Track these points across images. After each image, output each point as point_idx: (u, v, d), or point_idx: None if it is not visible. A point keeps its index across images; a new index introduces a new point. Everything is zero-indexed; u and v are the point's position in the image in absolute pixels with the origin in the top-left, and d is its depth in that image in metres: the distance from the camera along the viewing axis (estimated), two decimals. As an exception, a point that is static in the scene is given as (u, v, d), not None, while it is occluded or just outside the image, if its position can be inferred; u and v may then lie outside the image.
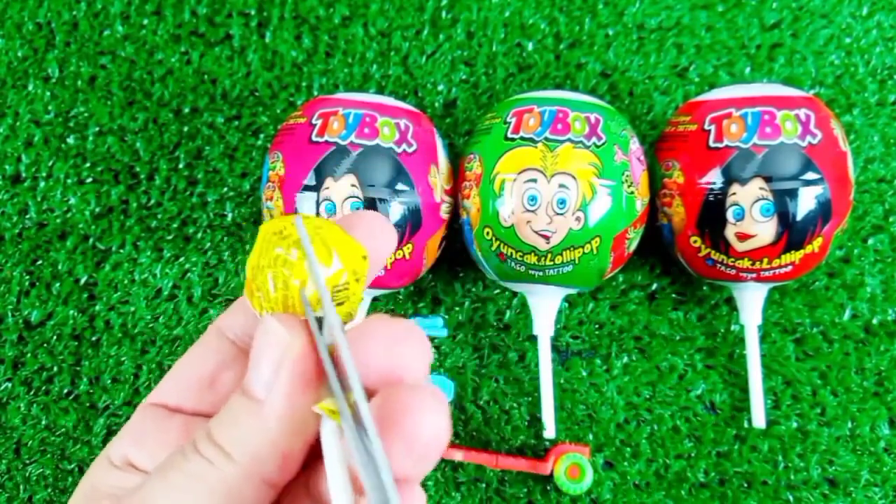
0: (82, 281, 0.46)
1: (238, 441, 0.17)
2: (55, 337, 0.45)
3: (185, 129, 0.47)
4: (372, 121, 0.38)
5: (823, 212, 0.37)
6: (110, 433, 0.45)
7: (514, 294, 0.45)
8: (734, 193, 0.37)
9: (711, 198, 0.38)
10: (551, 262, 0.38)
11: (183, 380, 0.22)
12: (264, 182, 0.40)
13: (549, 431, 0.42)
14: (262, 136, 0.47)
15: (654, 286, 0.45)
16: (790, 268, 0.38)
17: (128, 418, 0.45)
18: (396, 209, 0.38)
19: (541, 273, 0.38)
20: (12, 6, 0.49)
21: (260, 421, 0.17)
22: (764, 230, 0.37)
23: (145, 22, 0.49)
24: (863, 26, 0.48)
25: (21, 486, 0.44)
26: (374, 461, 0.16)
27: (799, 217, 0.37)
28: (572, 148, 0.37)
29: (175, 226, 0.46)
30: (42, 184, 0.47)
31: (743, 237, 0.37)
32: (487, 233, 0.39)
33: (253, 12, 0.49)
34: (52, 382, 0.45)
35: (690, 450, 0.43)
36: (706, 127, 0.38)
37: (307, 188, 0.38)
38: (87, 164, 0.47)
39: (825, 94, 0.47)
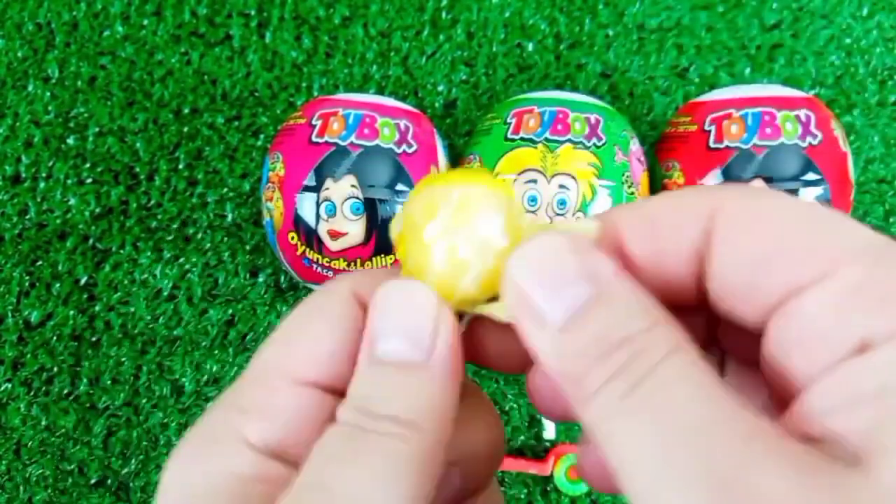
0: (82, 281, 0.46)
1: (417, 408, 0.16)
2: (55, 337, 0.45)
3: (185, 129, 0.47)
4: (372, 121, 0.38)
5: (823, 212, 0.37)
6: (110, 433, 0.45)
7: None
8: (734, 194, 0.37)
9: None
10: (551, 263, 0.38)
11: (333, 353, 0.17)
12: (264, 182, 0.40)
13: (549, 432, 0.42)
14: (262, 136, 0.47)
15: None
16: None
17: (128, 419, 0.45)
18: (396, 209, 0.38)
19: (541, 274, 0.38)
20: (12, 6, 0.49)
21: (431, 384, 0.16)
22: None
23: (145, 22, 0.49)
24: (863, 27, 0.48)
25: (21, 487, 0.44)
26: None
27: (799, 218, 0.37)
28: (572, 148, 0.37)
29: (175, 226, 0.46)
30: (42, 184, 0.47)
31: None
32: (487, 233, 0.39)
33: (253, 12, 0.49)
34: (52, 383, 0.45)
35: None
36: (706, 128, 0.38)
37: (307, 189, 0.38)
38: (87, 165, 0.47)
39: (825, 94, 0.47)
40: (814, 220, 0.14)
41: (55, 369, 0.45)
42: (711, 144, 0.38)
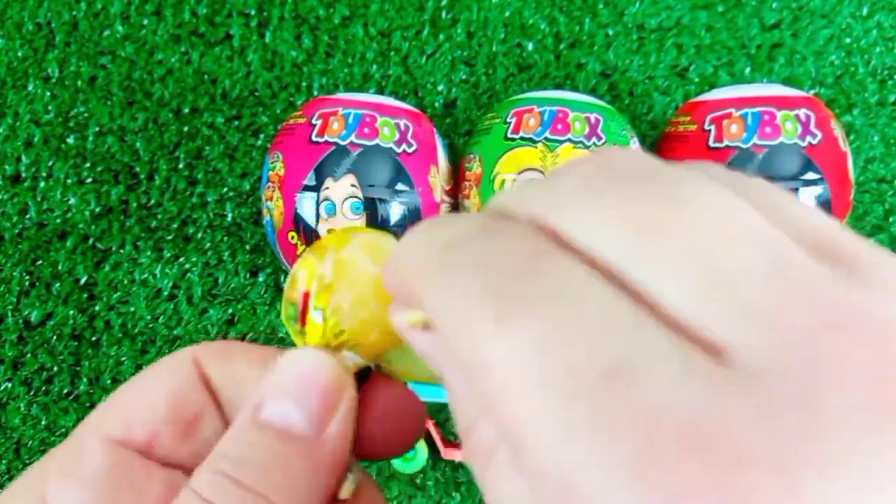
0: (82, 281, 0.46)
1: (289, 489, 0.14)
2: (55, 337, 0.45)
3: (185, 129, 0.47)
4: (372, 121, 0.38)
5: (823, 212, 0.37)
6: (110, 433, 0.45)
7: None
8: (734, 193, 0.37)
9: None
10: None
11: (155, 410, 0.16)
12: (264, 182, 0.40)
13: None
14: (262, 136, 0.47)
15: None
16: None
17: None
18: (396, 209, 0.38)
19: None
20: (12, 6, 0.49)
21: (315, 465, 0.15)
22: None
23: (145, 22, 0.49)
24: (863, 26, 0.48)
25: (21, 486, 0.44)
26: None
27: (799, 217, 0.37)
28: (572, 148, 0.37)
29: (175, 226, 0.46)
30: (42, 184, 0.47)
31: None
32: (487, 233, 0.39)
33: (253, 12, 0.49)
34: (52, 382, 0.45)
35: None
36: (706, 127, 0.38)
37: (307, 188, 0.38)
38: (87, 164, 0.47)
39: (825, 94, 0.47)
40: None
41: (55, 369, 0.45)
42: (711, 144, 0.38)
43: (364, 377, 0.17)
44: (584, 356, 0.10)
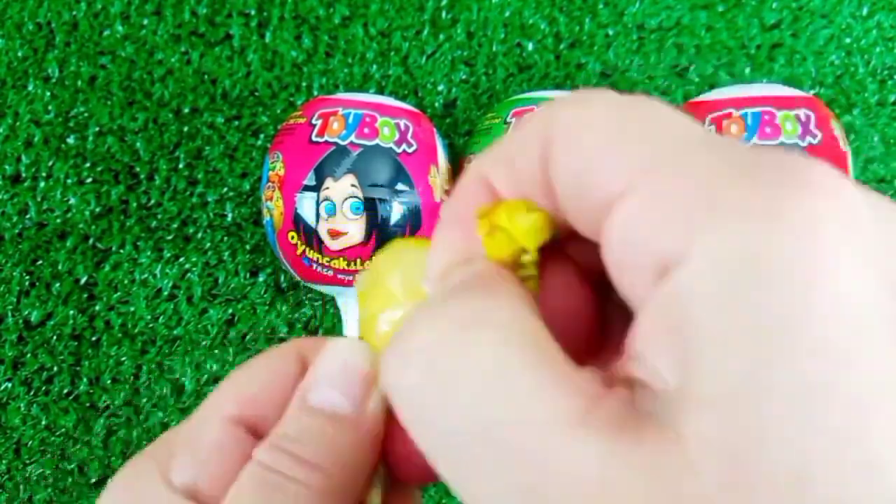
0: (82, 281, 0.46)
1: (333, 456, 0.17)
2: (55, 337, 0.45)
3: (185, 129, 0.47)
4: (372, 121, 0.38)
5: (823, 212, 0.37)
6: (110, 433, 0.45)
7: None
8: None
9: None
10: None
11: (265, 394, 0.18)
12: (264, 182, 0.40)
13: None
14: (262, 136, 0.47)
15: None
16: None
17: (128, 418, 0.45)
18: (396, 209, 0.38)
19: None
20: (12, 6, 0.49)
21: (353, 437, 0.17)
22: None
23: (145, 22, 0.49)
24: (863, 26, 0.48)
25: (21, 487, 0.44)
26: None
27: (799, 217, 0.37)
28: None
29: (175, 226, 0.46)
30: (42, 184, 0.47)
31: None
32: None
33: (253, 12, 0.49)
34: (52, 382, 0.45)
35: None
36: (706, 127, 0.38)
37: (307, 188, 0.38)
38: (87, 164, 0.47)
39: (825, 94, 0.47)
40: (631, 123, 0.12)
41: (55, 369, 0.45)
42: (711, 144, 0.38)
43: None
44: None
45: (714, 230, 0.10)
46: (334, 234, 0.38)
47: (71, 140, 0.47)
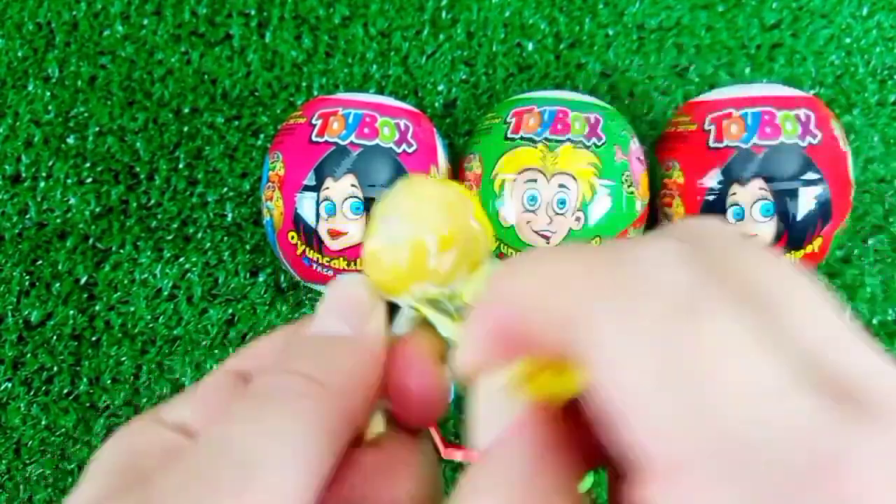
0: (82, 281, 0.46)
1: (333, 370, 0.17)
2: (55, 337, 0.45)
3: (185, 129, 0.47)
4: (372, 121, 0.38)
5: (823, 212, 0.37)
6: (110, 433, 0.45)
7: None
8: (734, 194, 0.37)
9: (711, 198, 0.38)
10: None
11: (265, 351, 0.19)
12: (264, 182, 0.40)
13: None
14: (262, 136, 0.47)
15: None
16: (790, 268, 0.38)
17: (128, 418, 0.45)
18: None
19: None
20: (12, 6, 0.49)
21: (353, 354, 0.17)
22: (764, 230, 0.37)
23: (145, 22, 0.49)
24: (863, 26, 0.48)
25: (21, 487, 0.44)
26: None
27: (799, 217, 0.37)
28: (572, 148, 0.37)
29: (175, 226, 0.46)
30: (42, 184, 0.47)
31: (743, 237, 0.37)
32: (487, 233, 0.39)
33: (253, 12, 0.49)
34: (52, 382, 0.45)
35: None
36: (706, 127, 0.38)
37: (307, 188, 0.38)
38: (87, 164, 0.47)
39: (825, 94, 0.47)
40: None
41: (55, 369, 0.45)
42: (711, 144, 0.38)
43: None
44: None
45: None
46: (334, 234, 0.38)
47: (71, 140, 0.47)
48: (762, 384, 0.11)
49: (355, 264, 0.39)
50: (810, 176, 0.36)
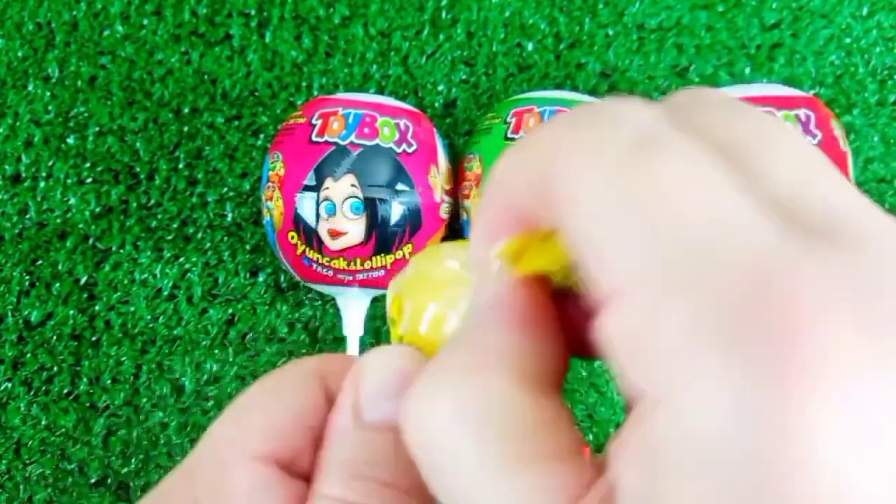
0: (82, 281, 0.46)
1: (412, 474, 0.15)
2: (55, 337, 0.45)
3: (185, 129, 0.47)
4: (372, 121, 0.38)
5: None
6: (110, 433, 0.45)
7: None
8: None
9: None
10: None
11: (296, 427, 0.16)
12: (264, 182, 0.40)
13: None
14: (262, 136, 0.47)
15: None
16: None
17: (128, 418, 0.45)
18: (396, 209, 0.38)
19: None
20: (12, 6, 0.49)
21: None
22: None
23: (145, 22, 0.49)
24: (863, 26, 0.48)
25: (21, 486, 0.44)
26: None
27: (799, 217, 0.37)
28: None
29: (175, 226, 0.46)
30: (42, 184, 0.47)
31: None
32: (487, 233, 0.39)
33: (253, 12, 0.49)
34: (52, 382, 0.45)
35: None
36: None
37: (307, 188, 0.38)
38: (87, 164, 0.47)
39: (825, 94, 0.47)
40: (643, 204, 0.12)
41: (55, 369, 0.45)
42: (711, 144, 0.38)
43: None
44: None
45: (703, 379, 0.10)
46: (334, 234, 0.38)
47: (71, 140, 0.47)
48: (722, 213, 0.10)
49: (355, 264, 0.39)
50: (810, 176, 0.36)
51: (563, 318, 0.14)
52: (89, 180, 0.47)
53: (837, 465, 0.09)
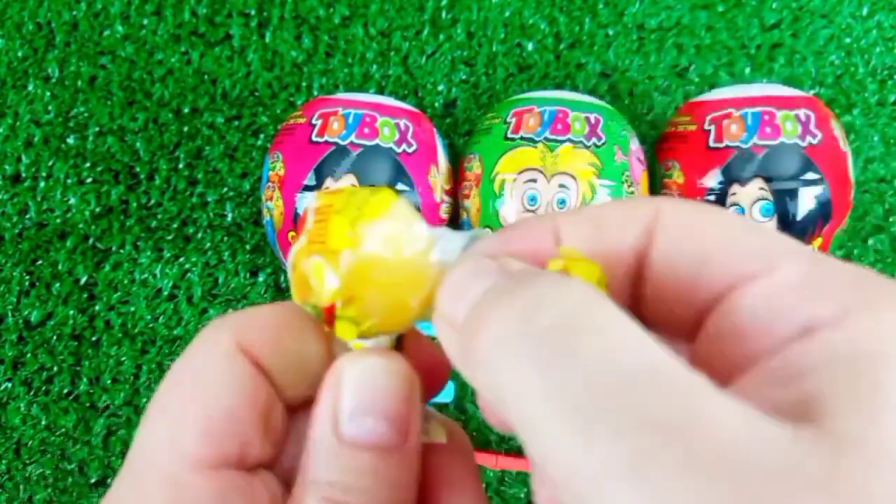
0: (82, 281, 0.46)
1: (389, 492, 0.15)
2: (55, 337, 0.45)
3: (185, 129, 0.47)
4: (372, 121, 0.38)
5: (823, 212, 0.37)
6: (110, 433, 0.45)
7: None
8: (734, 194, 0.37)
9: (711, 198, 0.38)
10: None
11: (236, 418, 0.15)
12: (264, 182, 0.40)
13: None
14: (262, 136, 0.47)
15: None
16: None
17: (128, 418, 0.45)
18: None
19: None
20: (12, 6, 0.49)
21: (408, 471, 0.16)
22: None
23: (145, 22, 0.49)
24: (863, 26, 0.48)
25: (21, 486, 0.44)
26: None
27: (799, 217, 0.37)
28: (572, 148, 0.37)
29: (175, 226, 0.46)
30: (42, 184, 0.47)
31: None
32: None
33: (253, 12, 0.49)
34: (52, 382, 0.45)
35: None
36: (706, 127, 0.38)
37: (307, 188, 0.38)
38: (87, 164, 0.47)
39: (825, 94, 0.47)
40: (749, 227, 0.14)
41: (55, 369, 0.45)
42: (711, 144, 0.38)
43: (398, 344, 0.17)
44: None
45: (868, 308, 0.12)
46: (334, 234, 0.38)
47: (71, 140, 0.47)
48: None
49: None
50: (810, 176, 0.36)
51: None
52: (89, 180, 0.47)
53: None
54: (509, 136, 0.38)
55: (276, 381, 0.16)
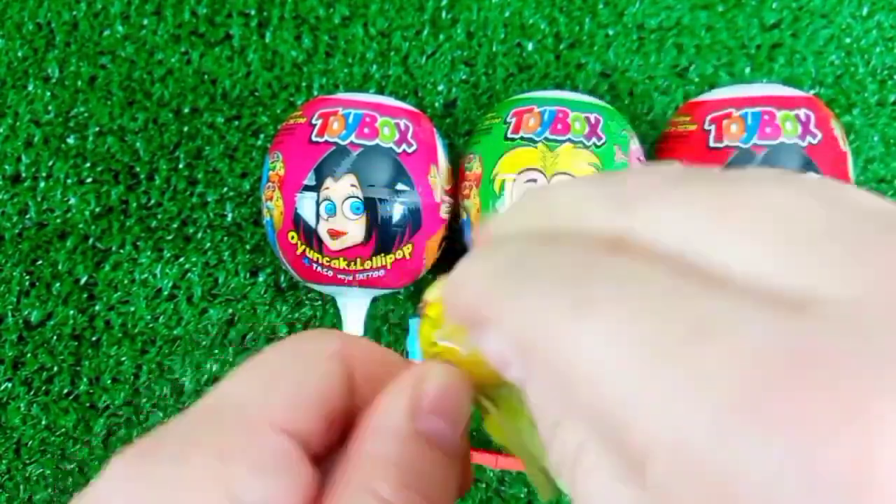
0: (82, 281, 0.46)
1: (445, 492, 0.16)
2: (55, 337, 0.45)
3: (185, 129, 0.47)
4: (372, 121, 0.38)
5: (823, 212, 0.37)
6: (110, 433, 0.45)
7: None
8: (734, 193, 0.37)
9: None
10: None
11: (314, 406, 0.16)
12: (264, 182, 0.40)
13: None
14: (262, 136, 0.47)
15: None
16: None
17: (128, 418, 0.45)
18: (396, 209, 0.38)
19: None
20: (12, 6, 0.49)
21: (455, 469, 0.17)
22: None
23: (145, 22, 0.49)
24: (863, 26, 0.48)
25: (21, 486, 0.44)
26: None
27: (799, 217, 0.37)
28: (572, 148, 0.37)
29: (175, 226, 0.46)
30: (42, 184, 0.47)
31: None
32: (487, 233, 0.39)
33: (253, 12, 0.49)
34: (52, 382, 0.45)
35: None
36: (706, 127, 0.38)
37: (307, 188, 0.38)
38: (87, 164, 0.47)
39: (825, 94, 0.47)
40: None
41: (55, 369, 0.45)
42: (711, 144, 0.38)
43: None
44: (661, 326, 0.10)
45: None
46: (334, 234, 0.38)
47: (71, 140, 0.47)
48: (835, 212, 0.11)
49: (355, 264, 0.39)
50: (810, 176, 0.36)
51: None
52: (89, 180, 0.47)
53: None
54: (509, 136, 0.38)
55: (355, 398, 0.17)
